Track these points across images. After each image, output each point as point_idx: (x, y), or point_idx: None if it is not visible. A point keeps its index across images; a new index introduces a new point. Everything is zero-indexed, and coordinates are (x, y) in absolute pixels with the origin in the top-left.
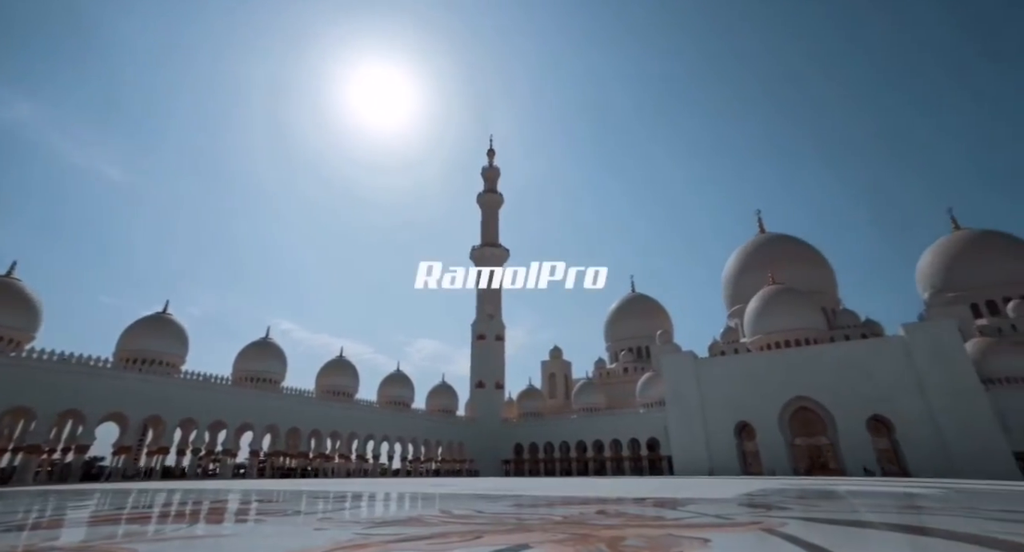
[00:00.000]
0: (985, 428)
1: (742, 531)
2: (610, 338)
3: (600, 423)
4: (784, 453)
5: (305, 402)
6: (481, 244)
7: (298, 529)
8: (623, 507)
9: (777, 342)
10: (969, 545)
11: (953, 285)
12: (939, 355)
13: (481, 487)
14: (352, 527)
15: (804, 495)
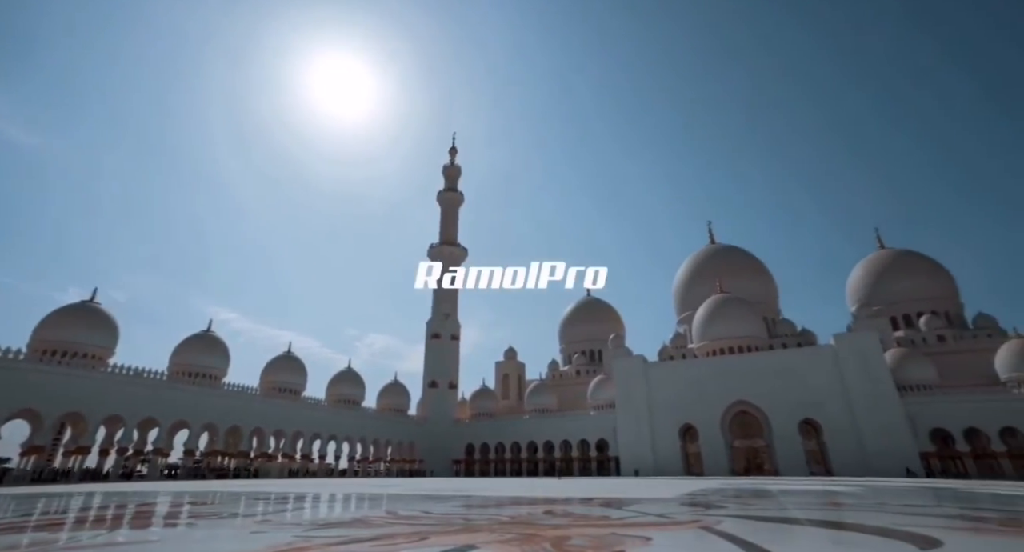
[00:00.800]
0: (898, 431)
1: (682, 529)
2: (564, 340)
3: (552, 424)
4: (724, 454)
5: (248, 399)
6: (440, 242)
7: (234, 533)
8: (571, 507)
9: (722, 349)
10: (876, 537)
11: (876, 299)
12: (862, 364)
13: (430, 487)
14: (293, 529)
15: (740, 494)
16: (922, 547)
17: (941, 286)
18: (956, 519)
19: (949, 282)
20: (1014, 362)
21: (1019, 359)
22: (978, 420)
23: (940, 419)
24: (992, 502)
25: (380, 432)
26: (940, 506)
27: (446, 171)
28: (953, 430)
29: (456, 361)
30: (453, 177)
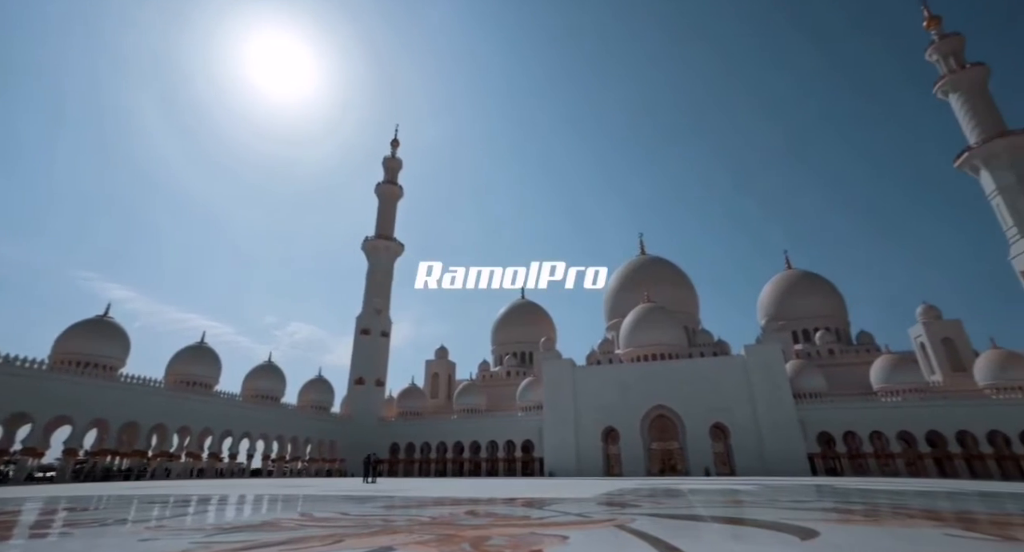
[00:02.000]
0: (791, 434)
1: (598, 528)
2: (496, 341)
3: (480, 424)
4: (642, 456)
5: (147, 393)
6: (375, 235)
7: (118, 542)
8: (494, 507)
9: (646, 355)
10: (766, 530)
11: (782, 314)
12: (766, 373)
13: (350, 488)
14: (191, 535)
15: (654, 494)
16: (803, 538)
17: (834, 306)
18: (831, 512)
19: (840, 302)
20: (884, 374)
21: (888, 372)
22: (854, 424)
23: (825, 423)
24: (859, 496)
25: (300, 430)
26: (820, 501)
27: (386, 163)
28: (835, 433)
29: (385, 358)
30: (393, 170)
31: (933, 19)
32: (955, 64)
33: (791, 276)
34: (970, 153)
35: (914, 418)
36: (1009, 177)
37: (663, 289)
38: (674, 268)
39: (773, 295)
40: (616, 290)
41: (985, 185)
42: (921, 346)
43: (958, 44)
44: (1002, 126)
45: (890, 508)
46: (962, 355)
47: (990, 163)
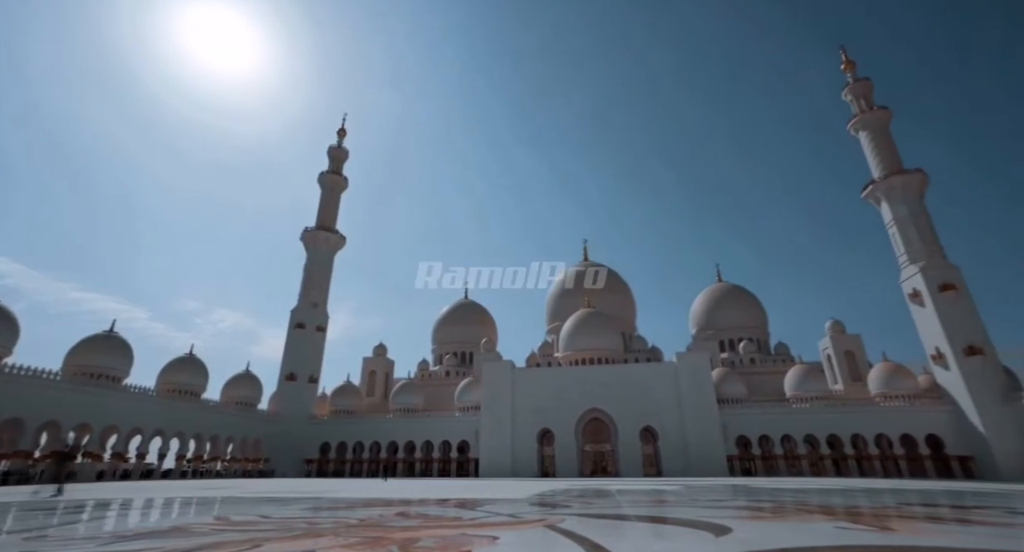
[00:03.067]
0: (714, 438)
1: (528, 528)
2: (436, 340)
3: (416, 424)
4: (575, 458)
5: (37, 386)
6: (316, 226)
7: None
8: (426, 508)
9: (583, 359)
10: (685, 528)
11: (711, 324)
12: (695, 380)
13: (274, 489)
14: (81, 545)
15: (584, 494)
16: (716, 534)
17: (757, 318)
18: (744, 510)
19: (763, 315)
20: (795, 383)
21: (799, 380)
22: (768, 428)
23: (743, 428)
24: (769, 495)
25: (221, 428)
26: (735, 500)
27: (332, 152)
28: (751, 437)
29: (320, 354)
30: (339, 160)
31: (849, 63)
32: (865, 105)
33: (721, 289)
34: (873, 186)
35: (818, 423)
36: (903, 210)
37: (603, 295)
38: (615, 275)
39: (704, 306)
40: (558, 294)
41: (884, 216)
42: (828, 358)
43: (868, 88)
44: (900, 164)
45: (794, 505)
46: (860, 366)
47: (889, 196)
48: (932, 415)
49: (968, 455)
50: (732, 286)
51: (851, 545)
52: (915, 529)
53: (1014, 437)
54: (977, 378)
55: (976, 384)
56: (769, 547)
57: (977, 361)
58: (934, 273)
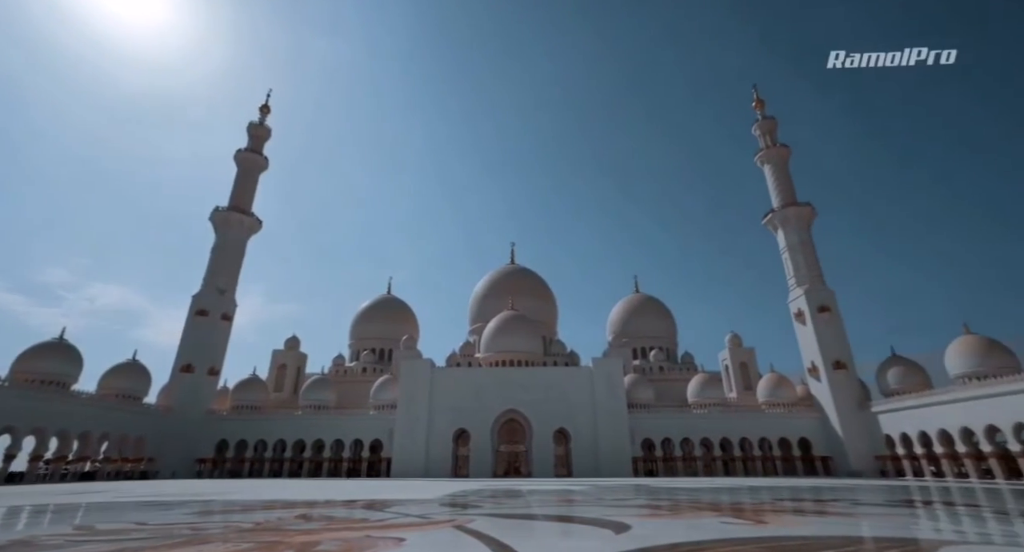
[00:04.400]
0: (622, 440)
1: (436, 528)
2: (355, 336)
3: (327, 422)
4: (490, 458)
5: None
6: (229, 206)
7: None
8: (331, 510)
9: (504, 360)
10: (589, 526)
11: (626, 332)
12: (608, 384)
13: (157, 492)
14: None
15: (496, 495)
16: (616, 532)
17: (668, 328)
18: (644, 508)
19: (673, 326)
20: (697, 390)
21: (700, 388)
22: (670, 432)
23: (649, 431)
24: (667, 494)
25: (94, 424)
26: (637, 499)
27: (252, 130)
28: (655, 439)
29: (224, 344)
30: (260, 138)
31: (759, 101)
32: (770, 141)
33: (638, 299)
34: (772, 215)
35: (713, 427)
36: (794, 238)
37: (527, 298)
38: (539, 279)
39: (621, 315)
40: (483, 295)
41: (779, 242)
42: (726, 368)
43: (773, 125)
44: (794, 197)
45: (688, 503)
46: (751, 377)
47: (783, 225)
48: (804, 421)
49: (828, 455)
50: (648, 297)
51: (732, 538)
52: (783, 521)
53: (863, 439)
54: (840, 389)
55: (839, 394)
56: (663, 542)
57: (841, 374)
58: (815, 296)
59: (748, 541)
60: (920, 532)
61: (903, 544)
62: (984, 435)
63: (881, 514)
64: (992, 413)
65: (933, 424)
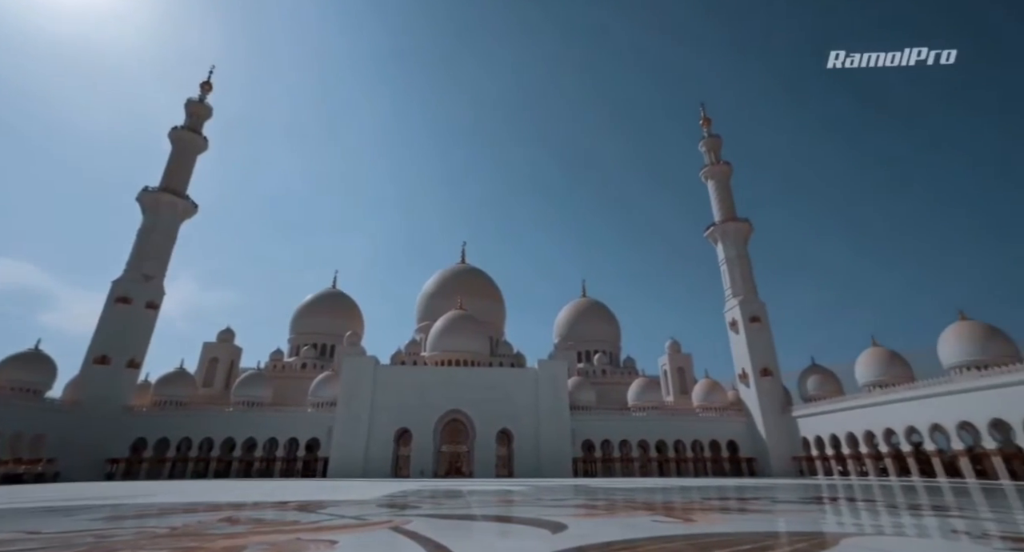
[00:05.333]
0: (563, 441)
1: (371, 530)
2: (295, 330)
3: (260, 419)
4: (431, 458)
5: None
6: (160, 187)
7: None
8: (260, 512)
9: (450, 360)
10: (527, 526)
11: (572, 335)
12: (552, 386)
13: (58, 496)
14: None
15: (436, 495)
16: (553, 531)
17: (612, 333)
18: (581, 508)
19: (617, 330)
20: (637, 394)
21: (640, 392)
22: (610, 434)
23: (589, 433)
24: (604, 494)
25: None
26: (575, 499)
27: (191, 107)
28: (595, 441)
29: (148, 335)
30: (199, 116)
31: (707, 120)
32: (714, 158)
33: (585, 303)
34: (713, 228)
35: (650, 430)
36: (732, 252)
37: (475, 298)
38: (488, 280)
39: (567, 318)
40: (431, 294)
41: (719, 254)
42: (664, 372)
43: (718, 143)
44: (733, 212)
45: (623, 502)
46: (688, 382)
47: (723, 238)
48: (734, 424)
49: (753, 456)
50: (594, 302)
51: (662, 536)
52: (710, 519)
53: (784, 442)
54: (766, 395)
55: (765, 399)
56: (598, 541)
57: (768, 381)
58: (748, 307)
59: (677, 538)
60: (826, 526)
61: (811, 537)
62: (883, 437)
63: (795, 511)
64: (889, 418)
65: (842, 427)
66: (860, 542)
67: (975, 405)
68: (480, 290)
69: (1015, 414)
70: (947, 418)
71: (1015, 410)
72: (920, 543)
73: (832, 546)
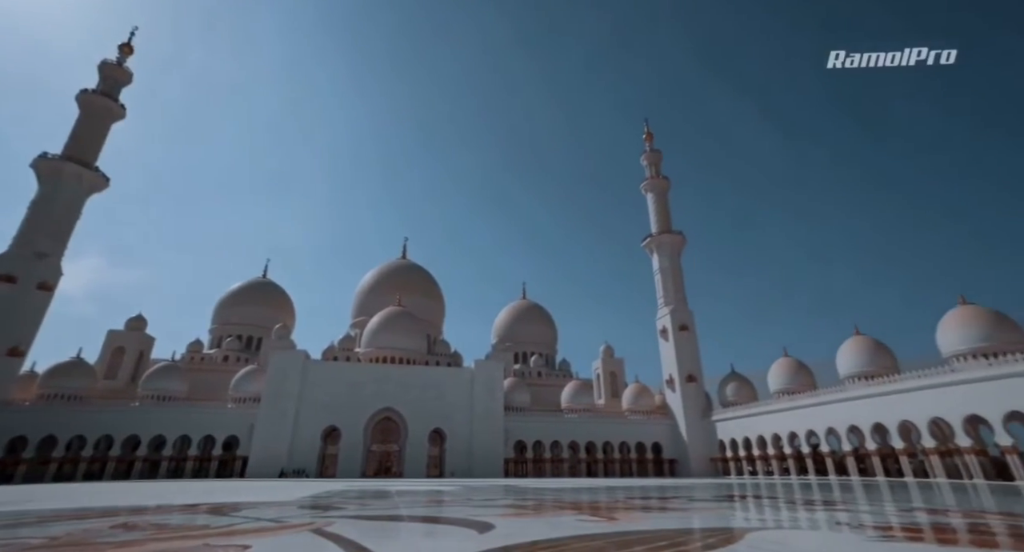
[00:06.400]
0: (495, 441)
1: (289, 533)
2: (218, 320)
3: (172, 415)
4: (360, 457)
5: None
6: (63, 155)
7: None
8: (163, 517)
9: (386, 357)
10: (455, 526)
11: (510, 337)
12: (488, 387)
13: None
14: None
15: (362, 495)
16: (480, 531)
17: (549, 335)
18: (510, 508)
19: (554, 333)
20: (570, 396)
21: (573, 394)
22: (542, 435)
23: (522, 433)
24: (534, 494)
25: None
26: (505, 499)
27: (106, 69)
28: (528, 441)
29: (37, 320)
30: (115, 81)
31: (649, 134)
32: (654, 172)
33: (524, 305)
34: (650, 240)
35: (581, 431)
36: (666, 263)
37: (415, 295)
38: (429, 277)
39: (507, 319)
40: (369, 289)
41: (653, 264)
42: (597, 376)
43: (658, 158)
44: (669, 225)
45: (551, 502)
46: (619, 385)
47: (658, 249)
48: (659, 427)
49: (675, 458)
50: (534, 304)
51: (586, 534)
52: (632, 517)
53: (703, 444)
54: (690, 399)
55: (689, 404)
56: (524, 540)
57: (692, 387)
58: (678, 316)
59: (599, 536)
60: (734, 522)
61: (721, 533)
62: (787, 440)
63: (709, 508)
64: (793, 422)
65: (754, 431)
66: (762, 535)
67: (861, 411)
68: (420, 287)
69: (891, 419)
70: (839, 423)
71: (891, 415)
72: (811, 535)
73: (739, 540)
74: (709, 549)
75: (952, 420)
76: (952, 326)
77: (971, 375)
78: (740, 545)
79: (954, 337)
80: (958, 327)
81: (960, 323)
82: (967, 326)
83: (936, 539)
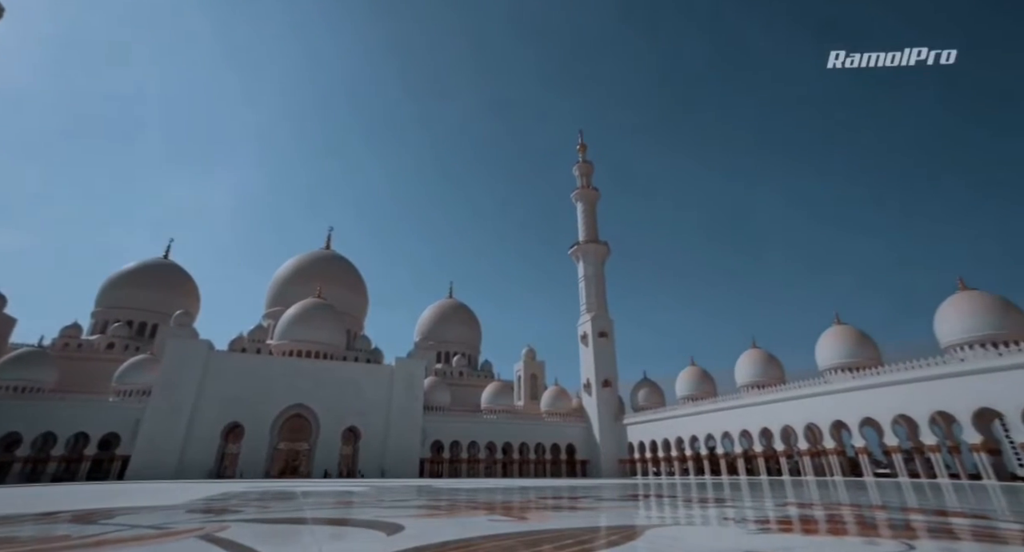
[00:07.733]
0: (413, 441)
1: (172, 540)
2: (104, 302)
3: (34, 409)
4: (264, 456)
5: None
6: None
7: None
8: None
9: (300, 351)
10: (362, 528)
11: (433, 336)
12: (408, 385)
13: None
14: None
15: (263, 497)
16: (389, 533)
17: (473, 336)
18: (422, 509)
19: (478, 334)
20: (490, 397)
21: (493, 395)
22: (460, 435)
23: (440, 433)
24: (448, 495)
25: None
26: (417, 499)
27: None
28: (445, 441)
29: None
30: None
31: (583, 146)
32: (585, 183)
33: (450, 304)
34: (576, 248)
35: (499, 432)
36: (590, 270)
37: (337, 287)
38: (353, 269)
39: (431, 317)
40: (287, 278)
41: (579, 271)
42: (519, 378)
43: (590, 169)
44: (595, 234)
45: (465, 503)
46: (539, 388)
47: (584, 257)
48: (574, 429)
49: (587, 459)
50: (459, 304)
51: (497, 534)
52: (542, 517)
53: (614, 446)
54: (605, 403)
55: (603, 408)
56: (434, 541)
57: (607, 391)
58: (598, 322)
59: (510, 536)
60: (636, 520)
61: (623, 530)
62: (688, 443)
63: (614, 507)
64: (693, 427)
65: (659, 434)
66: (660, 532)
67: (752, 417)
68: (342, 279)
69: (776, 424)
70: (734, 427)
71: (776, 421)
72: (702, 530)
73: (639, 537)
74: (612, 546)
75: (822, 425)
76: (948, 316)
77: (838, 386)
78: (639, 542)
79: (951, 328)
80: (955, 318)
81: (959, 312)
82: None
83: (802, 529)
